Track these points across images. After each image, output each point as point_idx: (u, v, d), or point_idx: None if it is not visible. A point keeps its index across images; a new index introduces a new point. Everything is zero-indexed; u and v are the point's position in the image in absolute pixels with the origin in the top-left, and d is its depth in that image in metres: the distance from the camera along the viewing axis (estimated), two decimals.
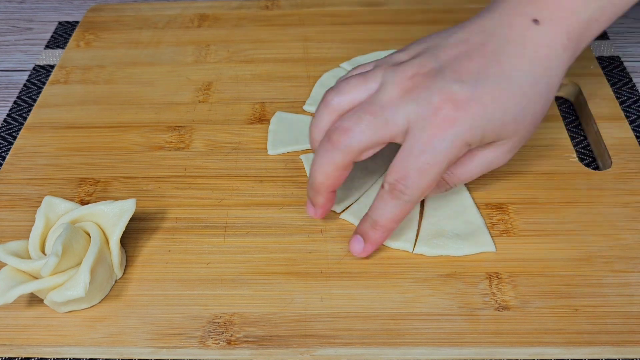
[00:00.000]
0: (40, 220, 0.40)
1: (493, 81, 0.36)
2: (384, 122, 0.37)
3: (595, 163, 0.49)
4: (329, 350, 0.37)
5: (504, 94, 0.36)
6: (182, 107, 0.53)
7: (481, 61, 0.37)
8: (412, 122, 0.36)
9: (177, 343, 0.37)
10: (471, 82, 0.36)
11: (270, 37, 0.61)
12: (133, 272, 0.41)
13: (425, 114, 0.36)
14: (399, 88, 0.37)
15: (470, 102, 0.36)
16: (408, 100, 0.37)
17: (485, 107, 0.36)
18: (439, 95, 0.36)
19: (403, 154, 0.37)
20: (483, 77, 0.36)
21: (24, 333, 0.38)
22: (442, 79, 0.36)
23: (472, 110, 0.36)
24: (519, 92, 0.37)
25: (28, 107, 0.56)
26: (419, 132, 0.36)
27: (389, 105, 0.37)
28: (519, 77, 0.37)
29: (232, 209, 0.45)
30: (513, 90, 0.37)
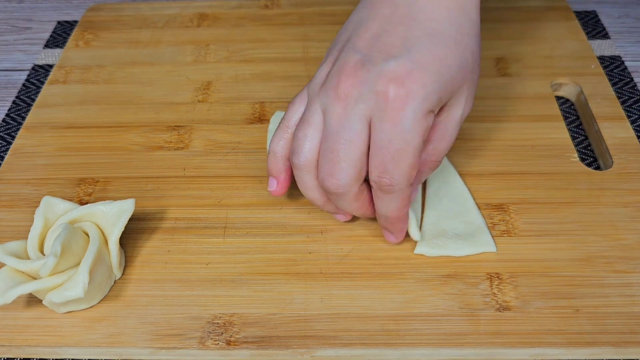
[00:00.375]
0: (39, 221, 0.40)
1: (421, 43, 0.35)
2: (351, 145, 0.36)
3: (597, 163, 0.49)
4: (328, 351, 0.36)
5: (438, 49, 0.35)
6: (181, 107, 0.53)
7: (400, 29, 0.36)
8: (370, 119, 0.36)
9: (177, 344, 0.37)
10: (403, 54, 0.35)
11: (270, 36, 0.61)
12: (132, 272, 0.41)
13: (376, 105, 0.35)
14: (341, 103, 0.36)
15: (412, 72, 0.35)
16: (354, 106, 0.36)
17: (428, 70, 0.35)
18: (379, 81, 0.35)
19: (374, 148, 0.36)
20: (410, 43, 0.35)
21: (22, 333, 0.38)
22: (373, 65, 0.35)
23: (417, 79, 0.35)
24: (450, 41, 0.36)
25: (27, 106, 0.55)
26: (379, 124, 0.35)
27: (344, 127, 0.36)
28: (442, 27, 0.36)
29: (232, 209, 0.45)
30: (444, 42, 0.36)
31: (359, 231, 0.43)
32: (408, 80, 0.35)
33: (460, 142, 0.48)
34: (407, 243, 0.42)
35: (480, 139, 0.49)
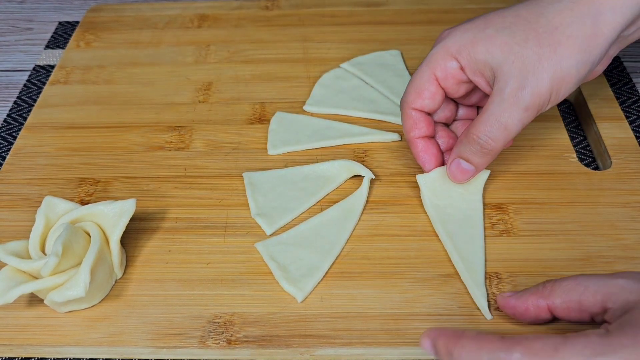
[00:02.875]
0: (40, 221, 0.40)
1: (498, 10, 0.41)
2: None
3: (595, 163, 0.49)
4: (328, 350, 0.37)
5: (497, 13, 0.40)
6: (182, 107, 0.53)
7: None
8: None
9: (177, 343, 0.37)
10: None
11: (270, 37, 0.61)
12: (133, 272, 0.41)
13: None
14: None
15: (462, 23, 0.41)
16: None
17: (472, 22, 0.41)
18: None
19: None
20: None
21: (24, 333, 0.38)
22: None
23: (458, 27, 0.41)
24: (511, 13, 0.40)
25: (28, 107, 0.56)
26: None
27: None
28: (519, 7, 0.40)
29: (232, 209, 0.45)
30: (504, 13, 0.40)
31: (359, 231, 0.43)
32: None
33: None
34: (407, 242, 0.42)
35: None
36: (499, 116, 0.39)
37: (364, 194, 0.45)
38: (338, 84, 0.55)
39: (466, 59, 0.40)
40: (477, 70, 0.40)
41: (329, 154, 0.49)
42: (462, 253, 0.40)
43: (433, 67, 0.41)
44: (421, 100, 0.42)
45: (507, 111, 0.39)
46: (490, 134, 0.40)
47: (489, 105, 0.39)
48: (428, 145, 0.44)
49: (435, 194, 0.43)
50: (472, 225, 0.42)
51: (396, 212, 0.44)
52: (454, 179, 0.43)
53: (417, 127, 0.43)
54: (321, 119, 0.51)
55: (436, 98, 0.42)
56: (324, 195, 0.45)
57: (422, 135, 0.43)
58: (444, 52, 0.41)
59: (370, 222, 0.43)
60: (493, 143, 0.40)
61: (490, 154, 0.41)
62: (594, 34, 0.38)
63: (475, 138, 0.40)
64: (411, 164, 0.47)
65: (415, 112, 0.43)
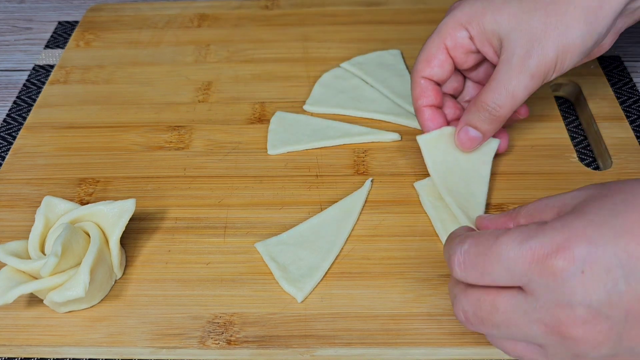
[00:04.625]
0: (40, 221, 0.40)
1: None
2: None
3: (596, 163, 0.49)
4: (328, 350, 0.37)
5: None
6: (182, 107, 0.53)
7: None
8: None
9: (177, 343, 0.37)
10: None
11: (270, 37, 0.61)
12: (133, 272, 0.41)
13: None
14: None
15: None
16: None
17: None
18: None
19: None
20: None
21: (23, 333, 0.38)
22: None
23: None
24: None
25: (28, 107, 0.55)
26: None
27: None
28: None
29: (232, 209, 0.45)
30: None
31: (359, 231, 0.43)
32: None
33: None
34: (407, 242, 0.42)
35: None
36: (506, 83, 0.40)
37: (364, 194, 0.45)
38: (338, 83, 0.54)
39: (475, 28, 0.41)
40: (485, 40, 0.41)
41: (329, 153, 0.48)
42: None
43: (443, 37, 0.42)
44: (430, 68, 0.43)
45: (515, 78, 0.40)
46: (498, 101, 0.41)
47: (497, 73, 0.41)
48: (435, 114, 0.45)
49: (436, 159, 0.44)
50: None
51: (396, 212, 0.44)
52: (462, 146, 0.44)
53: (425, 96, 0.44)
54: (321, 119, 0.51)
55: (445, 67, 0.43)
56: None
57: (430, 104, 0.44)
58: (454, 22, 0.42)
59: (370, 222, 0.43)
60: (501, 110, 0.41)
61: (497, 121, 0.42)
62: (599, 5, 0.39)
63: (484, 105, 0.41)
64: (411, 164, 0.47)
65: (425, 80, 0.44)
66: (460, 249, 0.31)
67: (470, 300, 0.31)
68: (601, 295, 0.27)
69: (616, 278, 0.27)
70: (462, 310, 0.31)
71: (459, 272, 0.31)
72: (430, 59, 0.43)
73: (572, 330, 0.28)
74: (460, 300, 0.31)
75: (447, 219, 0.42)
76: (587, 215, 0.28)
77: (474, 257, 0.30)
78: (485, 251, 0.30)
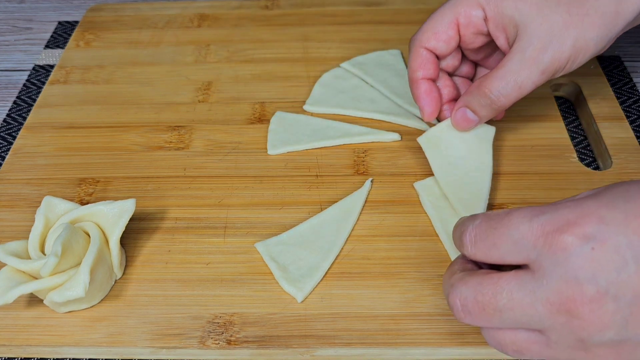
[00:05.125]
0: (40, 221, 0.40)
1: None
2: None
3: (596, 163, 0.49)
4: (328, 350, 0.37)
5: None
6: (182, 107, 0.53)
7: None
8: None
9: (177, 343, 0.37)
10: None
11: (270, 37, 0.61)
12: (133, 272, 0.41)
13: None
14: None
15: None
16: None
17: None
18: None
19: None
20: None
21: (23, 333, 0.38)
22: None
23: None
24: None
25: (28, 107, 0.55)
26: None
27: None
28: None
29: (232, 209, 0.45)
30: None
31: (359, 231, 0.43)
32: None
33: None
34: (407, 242, 0.42)
35: None
36: (516, 74, 0.40)
37: (364, 194, 0.45)
38: (338, 83, 0.54)
39: (493, 10, 0.40)
40: (500, 24, 0.41)
41: (329, 153, 0.48)
42: None
43: (457, 12, 0.41)
44: (436, 41, 0.42)
45: (526, 70, 0.40)
46: (504, 90, 0.40)
47: (507, 62, 0.40)
48: (431, 88, 0.44)
49: (438, 155, 0.44)
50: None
51: (396, 212, 0.44)
52: (457, 126, 0.43)
53: (424, 68, 0.43)
54: (321, 119, 0.51)
55: (451, 43, 0.42)
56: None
57: (428, 76, 0.44)
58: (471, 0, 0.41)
59: (370, 222, 0.43)
60: (504, 100, 0.41)
61: (497, 110, 0.42)
62: (617, 12, 0.39)
63: (487, 92, 0.41)
64: (411, 164, 0.47)
65: (426, 51, 0.43)
66: (472, 224, 0.31)
67: (470, 285, 0.30)
68: (610, 274, 0.27)
69: (626, 258, 0.27)
70: (460, 298, 0.30)
71: (469, 246, 0.30)
72: (438, 32, 0.42)
73: (579, 307, 0.27)
74: (458, 288, 0.31)
75: (447, 219, 0.42)
76: (601, 198, 0.28)
77: (485, 230, 0.30)
78: (496, 225, 0.30)
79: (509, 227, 0.29)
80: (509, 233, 0.29)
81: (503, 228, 0.29)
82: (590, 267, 0.27)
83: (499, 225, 0.29)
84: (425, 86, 0.44)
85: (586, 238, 0.27)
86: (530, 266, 0.28)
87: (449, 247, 0.41)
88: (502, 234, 0.29)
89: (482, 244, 0.30)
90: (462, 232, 0.31)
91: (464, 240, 0.31)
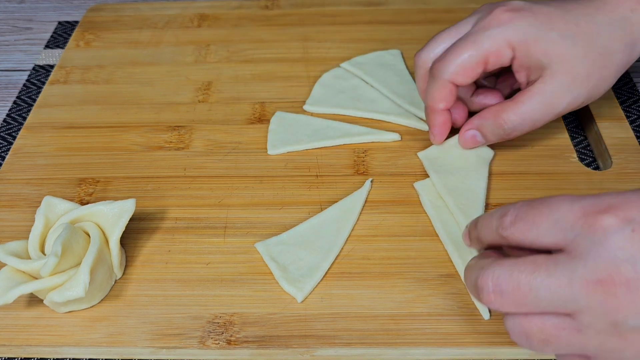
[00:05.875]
0: (40, 221, 0.40)
1: (550, 5, 0.42)
2: (471, 42, 0.41)
3: (596, 163, 0.49)
4: (328, 350, 0.37)
5: (557, 14, 0.41)
6: (182, 107, 0.53)
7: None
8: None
9: (177, 343, 0.37)
10: (530, 1, 0.42)
11: (270, 37, 0.61)
12: (133, 272, 0.41)
13: (481, 17, 0.42)
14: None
15: (523, 9, 0.41)
16: (474, 16, 0.43)
17: (535, 16, 0.41)
18: (499, 6, 0.42)
19: (452, 45, 0.42)
20: (544, 2, 0.42)
21: (23, 333, 0.38)
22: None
23: (521, 15, 0.41)
24: (571, 20, 0.41)
25: (28, 107, 0.55)
26: (472, 28, 0.42)
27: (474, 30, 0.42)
28: (576, 14, 0.41)
29: (232, 209, 0.45)
30: (566, 17, 0.41)
31: (359, 231, 0.43)
32: (513, 12, 0.42)
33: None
34: (407, 242, 0.42)
35: None
36: (532, 113, 0.42)
37: (364, 194, 0.45)
38: (338, 83, 0.54)
39: (523, 53, 0.41)
40: (526, 65, 0.42)
41: (329, 153, 0.48)
42: (462, 253, 0.40)
43: (487, 51, 0.41)
44: (464, 78, 0.42)
45: (543, 112, 0.42)
46: (519, 126, 0.43)
47: (527, 100, 0.42)
48: (448, 118, 0.45)
49: (437, 169, 0.45)
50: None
51: (396, 212, 0.44)
52: (464, 145, 0.46)
53: (447, 100, 0.44)
54: (321, 119, 0.51)
55: (475, 77, 0.43)
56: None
57: (448, 107, 0.44)
58: (504, 41, 0.41)
59: (370, 222, 0.43)
60: (516, 133, 0.44)
61: (507, 138, 0.44)
62: (628, 62, 0.43)
63: (502, 123, 0.43)
64: (411, 164, 0.47)
65: (452, 85, 0.43)
66: (513, 206, 0.32)
67: (505, 265, 0.30)
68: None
69: None
70: (493, 278, 0.30)
71: (508, 227, 0.31)
72: (467, 70, 0.42)
73: (616, 287, 0.27)
74: (490, 269, 0.30)
75: (447, 219, 0.42)
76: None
77: (526, 210, 0.31)
78: (537, 205, 0.30)
79: (550, 207, 0.30)
80: (549, 212, 0.30)
81: (544, 208, 0.30)
82: (630, 248, 0.27)
83: (541, 206, 0.30)
84: (443, 117, 0.45)
85: (627, 220, 0.27)
86: (566, 249, 0.29)
87: (449, 247, 0.41)
88: (542, 213, 0.30)
89: (522, 223, 0.30)
90: (504, 214, 0.32)
91: (504, 221, 0.31)
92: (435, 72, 0.43)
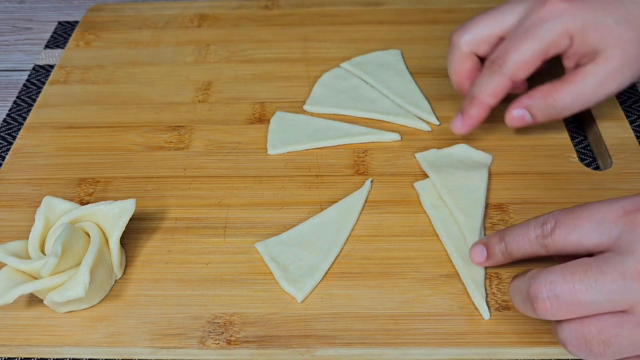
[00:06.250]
0: (40, 221, 0.40)
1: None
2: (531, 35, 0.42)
3: (596, 163, 0.49)
4: (329, 350, 0.37)
5: (610, 3, 0.41)
6: (181, 107, 0.53)
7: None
8: (522, 16, 0.42)
9: (177, 343, 0.37)
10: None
11: (270, 37, 0.61)
12: (133, 272, 0.41)
13: (531, 7, 0.42)
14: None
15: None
16: (519, 5, 0.43)
17: (589, 3, 0.41)
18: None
19: (509, 38, 0.42)
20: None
21: (23, 333, 0.38)
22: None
23: (576, 4, 0.41)
24: (621, 5, 0.41)
25: (28, 107, 0.55)
26: (525, 19, 0.42)
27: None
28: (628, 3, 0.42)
29: (232, 209, 0.45)
30: (616, 2, 0.41)
31: (359, 231, 0.43)
32: (569, 2, 0.42)
33: (460, 142, 0.48)
34: (407, 242, 0.42)
35: (480, 139, 0.49)
36: (585, 94, 0.42)
37: (364, 194, 0.45)
38: (338, 83, 0.54)
39: (580, 39, 0.42)
40: (580, 53, 0.42)
41: (329, 153, 0.48)
42: (462, 253, 0.40)
43: (547, 45, 0.42)
44: (524, 73, 0.43)
45: (595, 93, 0.42)
46: (571, 106, 0.43)
47: (580, 80, 0.42)
48: (487, 114, 0.45)
49: (434, 164, 0.45)
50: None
51: (396, 212, 0.44)
52: (511, 124, 0.45)
53: (500, 97, 0.44)
54: (321, 119, 0.51)
55: (533, 72, 0.43)
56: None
57: (497, 104, 0.45)
58: (563, 31, 0.42)
59: (370, 222, 0.43)
60: (566, 113, 0.44)
61: (555, 118, 0.44)
62: None
63: (554, 102, 0.43)
64: (411, 164, 0.47)
65: (510, 82, 0.43)
66: (550, 214, 0.33)
67: (556, 270, 0.30)
68: None
69: None
70: (546, 284, 0.30)
71: (549, 232, 0.32)
72: (529, 65, 0.42)
73: None
74: (541, 276, 0.30)
75: (447, 219, 0.42)
76: None
77: (566, 216, 0.32)
78: (576, 210, 0.32)
79: (590, 210, 0.31)
80: (590, 215, 0.31)
81: (584, 212, 0.31)
82: None
83: (580, 210, 0.31)
84: (485, 113, 0.45)
85: None
86: (611, 247, 0.30)
87: (449, 247, 0.41)
88: (583, 216, 0.31)
89: (564, 228, 0.31)
90: (544, 222, 0.32)
91: (545, 228, 0.32)
92: (495, 67, 0.43)
